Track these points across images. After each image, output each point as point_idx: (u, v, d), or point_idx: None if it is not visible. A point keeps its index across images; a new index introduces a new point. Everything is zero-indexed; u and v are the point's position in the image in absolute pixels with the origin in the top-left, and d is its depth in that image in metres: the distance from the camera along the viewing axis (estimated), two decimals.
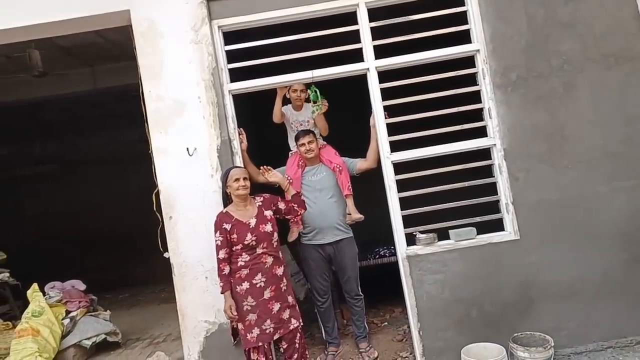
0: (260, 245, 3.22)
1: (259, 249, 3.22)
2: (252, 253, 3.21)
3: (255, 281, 3.19)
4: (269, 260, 3.25)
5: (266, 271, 3.22)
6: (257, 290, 3.19)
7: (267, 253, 3.24)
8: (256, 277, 3.19)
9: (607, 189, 3.55)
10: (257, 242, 3.20)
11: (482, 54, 3.65)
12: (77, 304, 4.88)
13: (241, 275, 3.20)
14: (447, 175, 3.61)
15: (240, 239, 3.17)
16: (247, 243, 3.17)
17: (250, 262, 3.20)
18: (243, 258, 3.20)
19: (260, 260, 3.21)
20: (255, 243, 3.20)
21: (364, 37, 3.71)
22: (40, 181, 9.32)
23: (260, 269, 3.21)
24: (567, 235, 3.54)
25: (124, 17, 3.69)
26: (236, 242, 3.18)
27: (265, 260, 3.23)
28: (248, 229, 3.20)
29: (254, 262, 3.20)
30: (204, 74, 3.63)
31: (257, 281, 3.19)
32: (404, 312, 4.37)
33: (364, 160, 3.95)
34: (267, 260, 3.24)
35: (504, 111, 3.61)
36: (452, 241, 3.64)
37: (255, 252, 3.21)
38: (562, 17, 3.63)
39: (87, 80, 6.84)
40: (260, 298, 3.19)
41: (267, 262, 3.24)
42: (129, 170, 8.35)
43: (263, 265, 3.22)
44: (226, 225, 3.19)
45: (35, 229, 8.80)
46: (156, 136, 3.64)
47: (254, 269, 3.19)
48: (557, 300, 3.54)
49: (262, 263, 3.22)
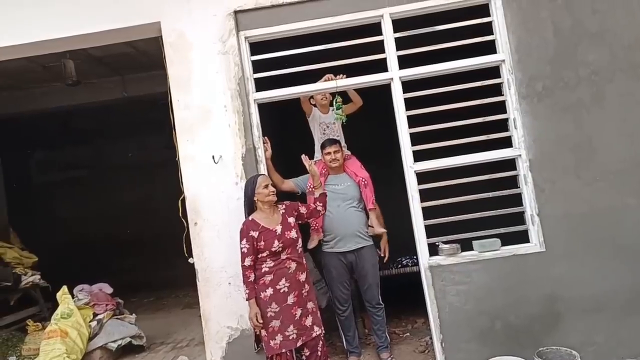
0: (285, 251, 3.25)
1: (283, 254, 3.25)
2: (276, 259, 3.24)
3: (279, 287, 3.22)
4: (293, 266, 3.28)
5: (290, 276, 3.25)
6: (280, 295, 3.21)
7: (290, 259, 3.27)
8: (280, 283, 3.22)
9: (636, 201, 3.47)
10: (283, 249, 3.24)
11: (508, 64, 3.63)
12: (104, 307, 5.00)
13: (265, 282, 3.22)
14: (471, 186, 3.59)
15: (267, 246, 3.20)
16: (274, 250, 3.21)
17: (274, 267, 3.23)
18: (267, 264, 3.23)
19: (284, 265, 3.25)
20: (282, 249, 3.23)
21: (388, 48, 3.73)
22: (71, 186, 9.58)
23: (284, 274, 3.24)
24: (595, 248, 3.47)
25: (155, 29, 3.81)
26: (263, 249, 3.21)
27: (289, 265, 3.26)
28: (275, 236, 3.23)
29: (278, 268, 3.23)
30: (231, 83, 3.71)
31: (281, 286, 3.22)
32: (426, 323, 4.34)
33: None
34: (291, 266, 3.27)
35: (529, 122, 3.58)
36: (476, 252, 3.60)
37: (280, 257, 3.24)
38: (589, 27, 3.58)
39: (118, 89, 7.06)
40: (283, 303, 3.21)
41: (290, 267, 3.27)
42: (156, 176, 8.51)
43: (287, 271, 3.25)
44: (253, 232, 3.22)
45: (65, 232, 9.04)
46: (183, 144, 3.73)
47: (278, 274, 3.22)
48: (585, 314, 3.47)
49: (286, 268, 3.25)
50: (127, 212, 9.14)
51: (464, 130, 3.63)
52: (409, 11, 3.72)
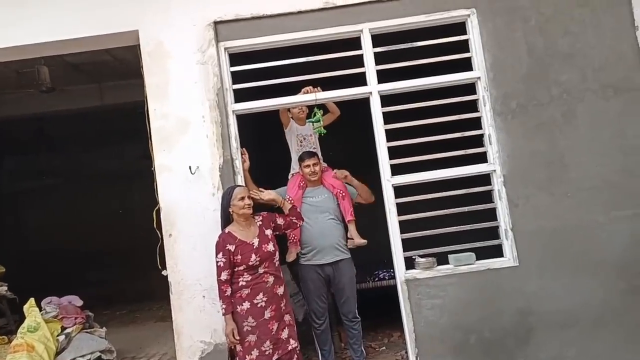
0: (263, 265, 3.22)
1: (260, 268, 3.21)
2: (253, 273, 3.20)
3: (256, 301, 3.17)
4: (271, 280, 3.24)
5: (267, 290, 3.21)
6: (257, 310, 3.17)
7: (268, 272, 3.23)
8: (257, 297, 3.18)
9: (606, 218, 3.56)
10: (260, 262, 3.20)
11: (483, 82, 3.71)
12: (73, 320, 4.84)
13: (242, 295, 3.18)
14: (448, 200, 3.64)
15: (244, 260, 3.16)
16: (251, 264, 3.17)
17: (251, 282, 3.19)
18: (244, 278, 3.19)
19: (262, 279, 3.21)
20: (259, 263, 3.20)
21: (368, 62, 3.77)
22: (44, 195, 9.33)
23: (261, 288, 3.20)
24: (566, 264, 3.54)
25: (133, 37, 3.77)
26: (240, 263, 3.16)
27: (267, 279, 3.22)
28: (252, 250, 3.19)
29: (256, 282, 3.19)
30: (209, 94, 3.69)
31: (259, 301, 3.18)
32: (402, 337, 4.33)
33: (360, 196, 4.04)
34: (269, 280, 3.23)
35: (504, 138, 3.65)
36: (452, 266, 3.63)
37: (257, 272, 3.21)
38: (561, 48, 3.69)
39: (94, 96, 6.95)
40: (260, 318, 3.17)
41: (268, 281, 3.23)
42: (132, 186, 8.38)
43: (264, 285, 3.21)
44: (230, 246, 3.17)
45: (36, 242, 8.80)
46: (159, 153, 3.68)
47: (256, 289, 3.18)
48: (557, 328, 3.52)
49: (264, 282, 3.21)
50: (101, 223, 8.95)
51: (441, 145, 3.68)
52: (388, 27, 3.78)
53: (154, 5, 3.73)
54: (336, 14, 3.74)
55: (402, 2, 3.73)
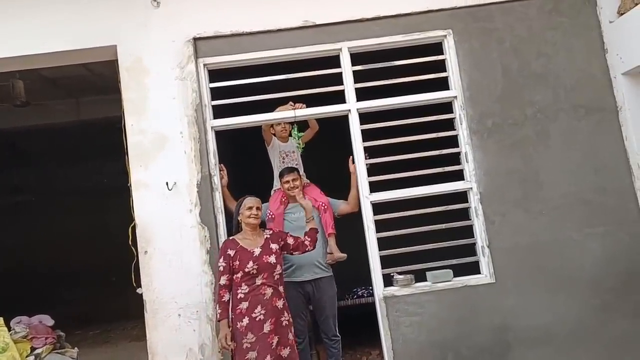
0: (261, 276, 3.18)
1: (258, 279, 3.18)
2: (251, 284, 3.16)
3: (254, 314, 3.12)
4: (269, 292, 3.19)
5: (266, 303, 3.16)
6: (257, 324, 3.12)
7: (266, 284, 3.19)
8: (255, 310, 3.13)
9: (579, 235, 3.63)
10: (257, 272, 3.17)
11: (460, 101, 3.78)
12: (44, 340, 4.68)
13: (242, 311, 3.14)
14: (426, 217, 3.66)
15: (241, 266, 3.15)
16: (247, 271, 3.14)
17: (249, 294, 3.15)
18: (242, 289, 3.16)
19: (260, 291, 3.17)
20: (256, 272, 3.17)
21: (346, 80, 3.81)
22: (16, 211, 9.11)
23: (259, 300, 3.15)
24: (542, 280, 3.59)
25: (111, 52, 3.74)
26: (237, 269, 3.16)
27: (264, 291, 3.18)
28: (251, 257, 3.18)
29: (254, 294, 3.15)
30: (188, 110, 3.67)
31: (257, 314, 3.13)
32: (381, 355, 4.30)
33: (346, 203, 3.98)
34: (267, 292, 3.19)
35: (480, 156, 3.71)
36: (429, 283, 3.64)
37: (255, 282, 3.17)
38: (535, 69, 3.80)
39: (71, 112, 6.84)
40: (260, 332, 3.11)
41: (266, 293, 3.18)
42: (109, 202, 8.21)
43: (262, 297, 3.16)
44: (230, 251, 3.19)
45: (7, 260, 8.54)
46: (136, 169, 3.63)
47: (254, 301, 3.14)
48: (533, 345, 3.54)
49: (262, 294, 3.17)
50: (75, 240, 8.74)
51: (419, 162, 3.72)
52: (366, 46, 3.84)
53: (133, 21, 3.72)
54: (315, 32, 3.79)
55: (380, 22, 3.80)
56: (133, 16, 3.73)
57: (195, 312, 3.48)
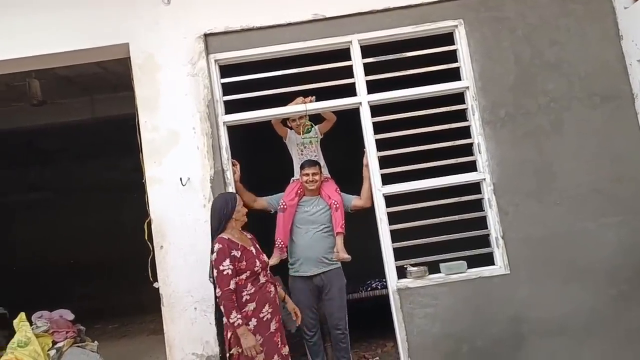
0: (263, 273, 3.13)
1: (262, 277, 3.10)
2: (256, 283, 3.06)
3: (262, 314, 3.04)
4: (272, 289, 3.16)
5: (272, 301, 3.11)
6: (264, 324, 3.04)
7: (269, 281, 3.15)
8: (264, 310, 3.05)
9: (594, 225, 3.59)
10: (261, 269, 3.11)
11: (472, 91, 3.75)
12: (65, 335, 4.78)
13: (248, 313, 3.00)
14: (439, 209, 3.65)
15: (249, 266, 3.02)
16: (256, 270, 3.05)
17: (255, 293, 3.04)
18: (248, 291, 3.03)
19: (266, 289, 3.09)
20: (260, 269, 3.10)
21: (357, 73, 3.80)
22: (34, 208, 9.28)
23: (267, 299, 3.08)
24: (556, 271, 3.56)
25: (123, 50, 3.78)
26: (244, 270, 3.00)
27: (270, 289, 3.13)
28: (253, 255, 3.09)
29: (261, 293, 3.06)
30: (200, 105, 3.70)
31: (265, 313, 3.05)
32: (395, 347, 4.31)
33: (359, 198, 3.97)
34: (271, 289, 3.14)
35: (493, 146, 3.68)
36: (443, 275, 3.64)
37: (259, 280, 3.09)
38: (548, 58, 3.74)
39: (86, 109, 6.93)
40: (267, 332, 3.04)
41: (271, 290, 3.14)
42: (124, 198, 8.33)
43: (269, 295, 3.10)
44: (235, 252, 2.99)
45: (26, 256, 8.72)
46: (150, 166, 3.68)
47: (261, 300, 3.05)
48: (548, 336, 3.52)
49: (268, 292, 3.10)
50: (92, 235, 8.89)
51: (431, 154, 3.71)
52: (377, 38, 3.82)
53: (145, 18, 3.76)
54: (325, 25, 3.78)
55: (390, 13, 3.78)
56: (144, 14, 3.76)
57: (211, 305, 3.48)
